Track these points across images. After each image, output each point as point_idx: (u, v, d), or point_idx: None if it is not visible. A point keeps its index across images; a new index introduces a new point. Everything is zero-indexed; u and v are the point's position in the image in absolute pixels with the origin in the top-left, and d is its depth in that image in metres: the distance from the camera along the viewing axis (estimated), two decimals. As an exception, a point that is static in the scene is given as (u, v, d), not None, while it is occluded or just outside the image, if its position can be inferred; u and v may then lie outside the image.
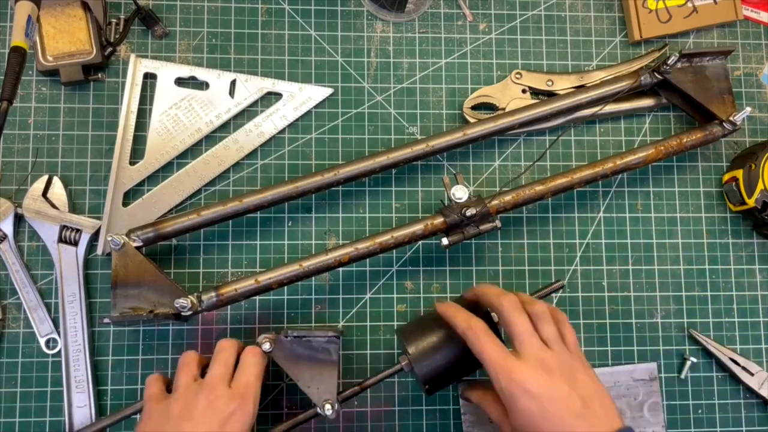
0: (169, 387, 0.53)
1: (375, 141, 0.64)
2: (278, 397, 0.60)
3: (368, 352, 0.61)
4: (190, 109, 0.62)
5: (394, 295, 0.62)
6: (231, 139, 0.63)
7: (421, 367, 0.53)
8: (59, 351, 0.58)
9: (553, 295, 0.63)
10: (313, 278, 0.61)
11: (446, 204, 0.58)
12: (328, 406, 0.52)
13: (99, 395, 0.59)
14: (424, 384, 0.53)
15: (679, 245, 0.65)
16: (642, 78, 0.63)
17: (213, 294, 0.55)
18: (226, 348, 0.53)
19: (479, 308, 0.54)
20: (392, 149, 0.60)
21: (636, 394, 0.62)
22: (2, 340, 0.59)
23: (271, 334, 0.54)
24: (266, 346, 0.53)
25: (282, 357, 0.54)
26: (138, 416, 0.56)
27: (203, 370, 0.53)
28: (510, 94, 0.65)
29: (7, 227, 0.59)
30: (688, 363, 0.63)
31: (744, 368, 0.63)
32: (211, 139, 0.63)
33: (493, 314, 0.55)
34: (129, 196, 0.61)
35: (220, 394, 0.49)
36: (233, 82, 0.63)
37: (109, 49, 0.62)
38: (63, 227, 0.59)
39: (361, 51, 0.65)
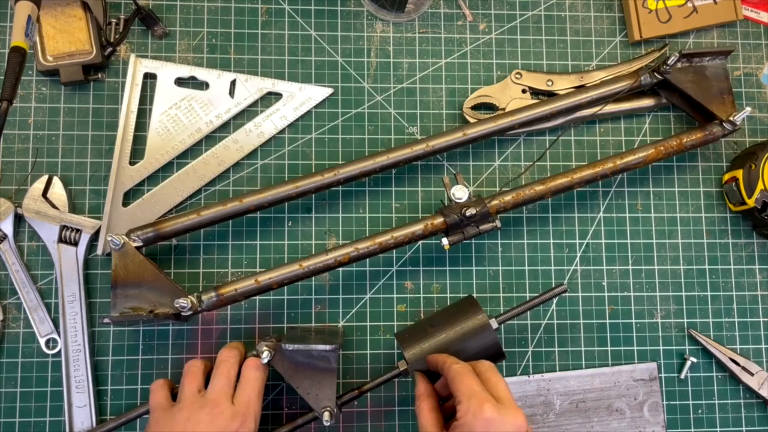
0: (173, 392, 0.54)
1: (375, 141, 0.64)
2: (278, 397, 0.60)
3: (368, 352, 0.61)
4: (190, 109, 0.62)
5: (394, 295, 0.62)
6: (231, 139, 0.63)
7: (417, 371, 0.53)
8: (59, 351, 0.58)
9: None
10: (313, 278, 0.61)
11: (446, 204, 0.58)
12: (326, 415, 0.52)
13: (99, 395, 0.59)
14: None
15: (679, 245, 0.65)
16: (642, 78, 0.63)
17: (213, 294, 0.55)
18: (227, 359, 0.53)
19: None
20: (392, 149, 0.60)
21: (636, 394, 0.62)
22: (2, 340, 0.59)
23: (270, 341, 0.54)
24: (265, 355, 0.53)
25: (282, 365, 0.54)
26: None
27: (208, 375, 0.54)
28: (510, 94, 0.65)
29: (7, 227, 0.59)
30: (688, 363, 0.63)
31: (744, 368, 0.63)
32: (211, 139, 0.63)
33: (492, 320, 0.55)
34: (129, 196, 0.61)
35: (222, 410, 0.50)
36: (233, 82, 0.63)
37: (109, 49, 0.62)
38: (63, 227, 0.59)
39: (361, 51, 0.65)
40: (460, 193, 0.57)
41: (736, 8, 0.68)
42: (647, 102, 0.66)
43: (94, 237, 0.59)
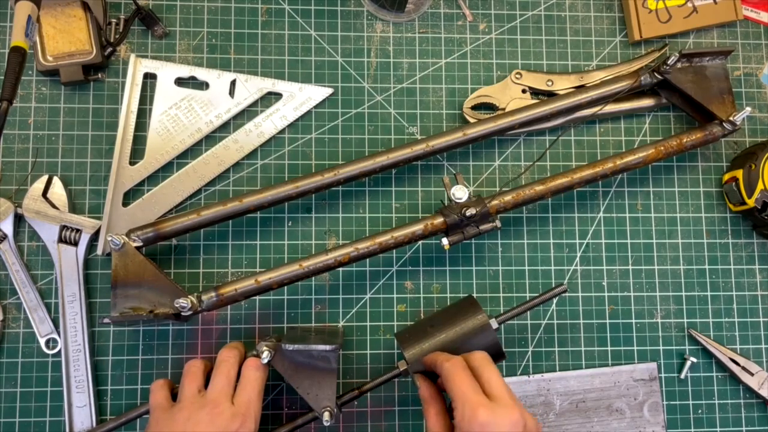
0: (173, 392, 0.54)
1: (375, 141, 0.64)
2: (278, 397, 0.60)
3: (368, 352, 0.61)
4: (190, 109, 0.62)
5: (394, 295, 0.62)
6: (231, 139, 0.63)
7: (417, 371, 0.53)
8: (59, 351, 0.58)
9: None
10: (313, 278, 0.61)
11: (446, 204, 0.58)
12: (327, 415, 0.52)
13: (99, 395, 0.59)
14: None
15: (679, 245, 0.65)
16: (642, 78, 0.63)
17: (213, 294, 0.55)
18: (227, 359, 0.53)
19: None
20: (392, 149, 0.60)
21: (636, 394, 0.62)
22: (2, 340, 0.59)
23: (270, 341, 0.54)
24: (266, 355, 0.53)
25: (282, 365, 0.54)
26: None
27: (208, 376, 0.54)
28: (510, 94, 0.65)
29: (7, 227, 0.59)
30: (688, 363, 0.63)
31: (744, 368, 0.63)
32: (211, 139, 0.63)
33: (492, 320, 0.55)
34: (129, 196, 0.61)
35: (222, 410, 0.50)
36: (233, 82, 0.63)
37: (109, 49, 0.62)
38: (63, 227, 0.59)
39: (361, 51, 0.65)
40: (460, 193, 0.57)
41: (736, 8, 0.68)
42: (647, 102, 0.66)
43: (94, 237, 0.59)
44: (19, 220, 0.60)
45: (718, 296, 0.65)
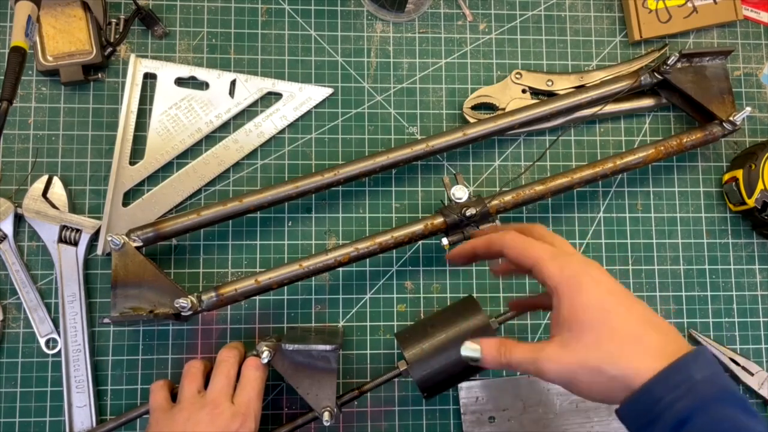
0: (173, 392, 0.54)
1: (375, 141, 0.64)
2: (278, 397, 0.60)
3: (368, 352, 0.61)
4: (190, 109, 0.62)
5: (394, 295, 0.62)
6: (231, 139, 0.63)
7: (417, 372, 0.53)
8: (59, 351, 0.58)
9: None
10: (313, 278, 0.61)
11: (446, 204, 0.58)
12: (326, 415, 0.52)
13: (99, 395, 0.59)
14: (420, 389, 0.53)
15: (679, 245, 0.65)
16: (642, 78, 0.63)
17: (213, 294, 0.55)
18: (227, 359, 0.53)
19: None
20: (392, 149, 0.60)
21: (636, 394, 0.62)
22: (2, 340, 0.59)
23: (270, 342, 0.54)
24: (265, 356, 0.53)
25: (282, 365, 0.54)
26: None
27: (207, 376, 0.54)
28: (510, 94, 0.65)
29: (7, 227, 0.59)
30: (688, 363, 0.63)
31: (744, 368, 0.63)
32: (211, 139, 0.63)
33: (492, 321, 0.55)
34: (129, 196, 0.61)
35: (222, 410, 0.50)
36: (233, 82, 0.63)
37: (109, 49, 0.62)
38: (63, 227, 0.59)
39: (361, 51, 0.65)
40: (460, 193, 0.57)
41: (736, 8, 0.68)
42: (647, 102, 0.66)
43: (94, 237, 0.59)
44: (19, 220, 0.60)
45: (718, 296, 0.65)
